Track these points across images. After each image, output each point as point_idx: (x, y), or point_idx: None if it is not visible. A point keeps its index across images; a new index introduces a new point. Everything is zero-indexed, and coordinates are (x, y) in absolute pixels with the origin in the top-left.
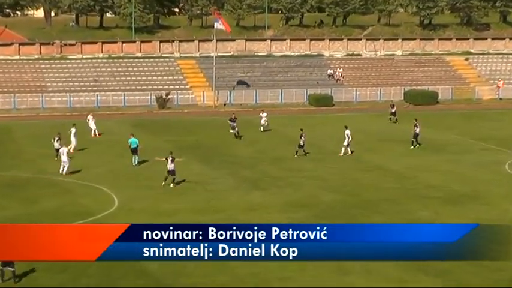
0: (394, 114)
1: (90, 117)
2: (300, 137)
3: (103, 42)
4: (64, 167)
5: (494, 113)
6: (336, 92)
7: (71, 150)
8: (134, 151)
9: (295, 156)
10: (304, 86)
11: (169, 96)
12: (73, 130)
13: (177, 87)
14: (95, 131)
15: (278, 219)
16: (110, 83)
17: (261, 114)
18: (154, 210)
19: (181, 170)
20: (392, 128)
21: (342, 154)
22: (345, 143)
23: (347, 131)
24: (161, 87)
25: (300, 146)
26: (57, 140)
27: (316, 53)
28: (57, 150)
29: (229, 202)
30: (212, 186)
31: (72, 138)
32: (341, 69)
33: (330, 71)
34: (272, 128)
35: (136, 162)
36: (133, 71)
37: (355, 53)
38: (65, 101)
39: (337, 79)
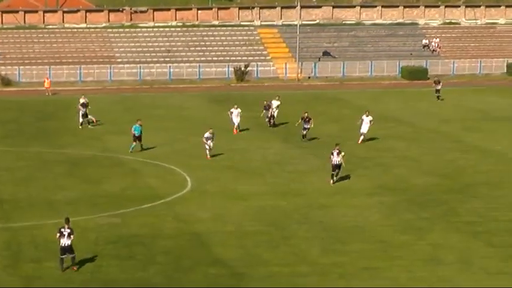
0: (438, 91)
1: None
2: (304, 121)
3: (177, 9)
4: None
5: None
6: (431, 64)
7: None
8: (138, 139)
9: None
10: (397, 58)
11: (248, 68)
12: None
13: (257, 58)
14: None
15: (366, 204)
16: (183, 54)
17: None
18: (229, 193)
19: (257, 149)
20: (493, 104)
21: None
22: (363, 130)
23: (367, 118)
24: (239, 58)
25: (304, 129)
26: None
27: (410, 21)
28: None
29: (311, 185)
30: (292, 167)
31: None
32: (437, 39)
33: (425, 41)
34: (361, 103)
35: (131, 149)
36: (210, 41)
37: (453, 21)
38: (134, 73)
39: (433, 50)
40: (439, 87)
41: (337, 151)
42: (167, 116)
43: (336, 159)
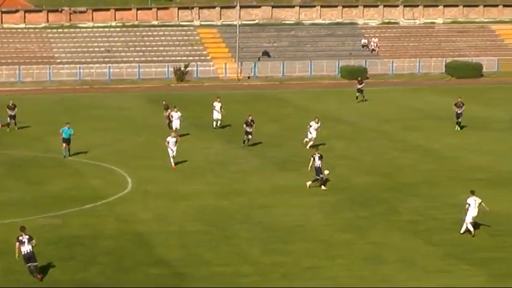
0: (361, 91)
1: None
2: (247, 124)
3: (116, 9)
4: None
5: None
6: (370, 64)
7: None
8: (67, 141)
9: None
10: (336, 57)
11: (188, 69)
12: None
13: (197, 58)
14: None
15: (307, 203)
16: (123, 54)
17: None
18: (171, 193)
19: (200, 149)
20: (433, 104)
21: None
22: (312, 136)
23: (316, 124)
24: (179, 58)
25: (247, 133)
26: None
27: (349, 21)
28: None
29: (253, 185)
30: (234, 167)
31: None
32: (376, 39)
33: (364, 41)
34: (301, 103)
35: (64, 155)
36: (149, 41)
37: (391, 21)
38: (74, 73)
39: (372, 49)
40: (360, 86)
41: (319, 155)
42: (107, 116)
43: (318, 162)
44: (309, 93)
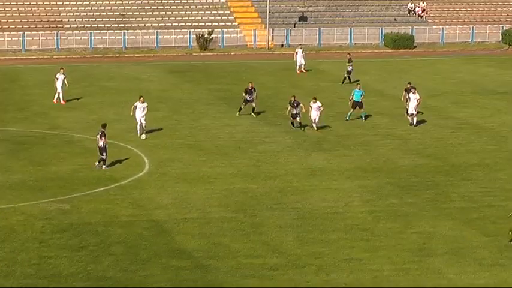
0: (349, 72)
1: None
2: (292, 105)
3: None
4: None
5: None
6: (418, 31)
7: (54, 101)
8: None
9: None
10: (379, 24)
11: (212, 36)
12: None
13: (222, 24)
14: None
15: (347, 187)
16: (139, 19)
17: (297, 50)
18: (192, 175)
19: (225, 126)
20: (488, 77)
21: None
22: (313, 117)
23: (315, 104)
24: (203, 24)
25: (294, 116)
26: None
27: None
28: None
29: (285, 166)
30: (264, 146)
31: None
32: (424, 3)
33: (410, 5)
34: (340, 75)
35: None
36: (169, 4)
37: None
38: (85, 40)
39: (420, 15)
40: (350, 68)
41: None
42: (122, 88)
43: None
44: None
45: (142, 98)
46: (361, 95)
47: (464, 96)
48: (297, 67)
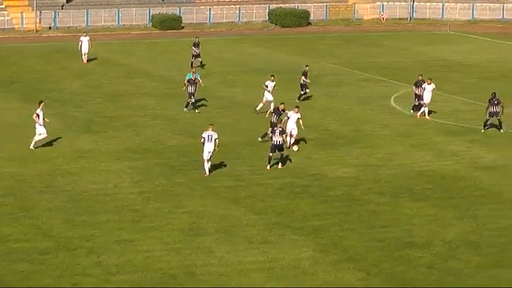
0: (198, 56)
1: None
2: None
3: None
4: None
5: (377, 37)
6: (185, 12)
7: None
8: None
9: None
10: (146, 5)
11: None
12: None
13: None
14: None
15: (116, 169)
16: None
17: (81, 38)
18: None
19: None
20: (256, 56)
21: None
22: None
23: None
24: None
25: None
26: None
27: None
28: None
29: (55, 149)
30: (32, 129)
31: None
32: None
33: None
34: (107, 56)
35: None
36: None
37: None
38: None
39: None
40: (198, 50)
41: (280, 129)
42: None
43: (276, 139)
44: (117, 45)
45: None
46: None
47: (232, 75)
48: (83, 56)
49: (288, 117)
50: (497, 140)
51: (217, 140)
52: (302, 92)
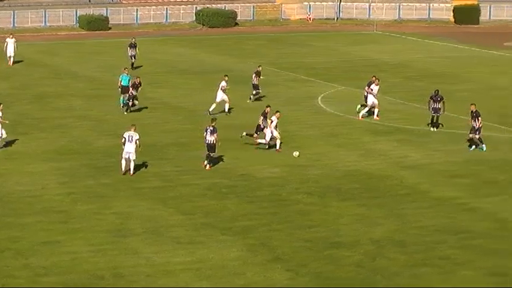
0: (134, 57)
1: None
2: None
3: None
4: None
5: (304, 37)
6: (112, 13)
7: None
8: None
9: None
10: (74, 6)
11: None
12: None
13: None
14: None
15: (42, 170)
16: None
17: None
18: None
19: None
20: (182, 57)
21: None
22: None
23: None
24: None
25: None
26: None
27: None
28: None
29: None
30: None
31: None
32: None
33: None
34: (34, 57)
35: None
36: None
37: None
38: None
39: None
40: (134, 52)
41: (211, 128)
42: None
43: (209, 138)
44: (44, 46)
45: None
46: (129, 80)
47: (158, 76)
48: (8, 58)
49: (272, 121)
50: (425, 139)
51: (137, 141)
52: (254, 92)
